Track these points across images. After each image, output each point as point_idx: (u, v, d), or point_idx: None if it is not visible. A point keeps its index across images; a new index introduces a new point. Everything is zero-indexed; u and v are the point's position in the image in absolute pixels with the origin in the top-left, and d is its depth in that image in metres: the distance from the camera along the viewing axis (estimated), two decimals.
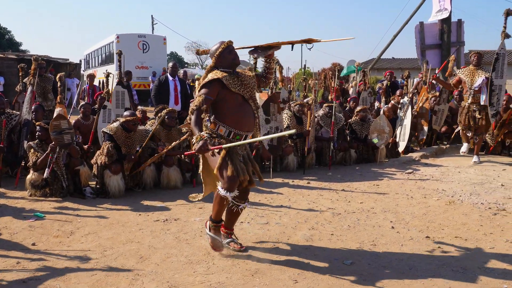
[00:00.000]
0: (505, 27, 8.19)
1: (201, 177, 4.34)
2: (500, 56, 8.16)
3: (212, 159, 3.94)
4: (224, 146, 3.74)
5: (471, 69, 8.45)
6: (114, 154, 6.21)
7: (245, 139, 4.03)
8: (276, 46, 4.21)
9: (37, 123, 6.34)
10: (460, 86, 8.76)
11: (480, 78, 8.21)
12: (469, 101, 8.44)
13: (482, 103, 8.32)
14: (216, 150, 3.73)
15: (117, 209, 5.63)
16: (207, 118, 4.07)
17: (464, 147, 8.94)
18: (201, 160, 4.27)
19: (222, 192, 3.85)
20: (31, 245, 4.36)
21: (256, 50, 4.23)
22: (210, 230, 4.12)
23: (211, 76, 3.97)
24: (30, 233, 4.67)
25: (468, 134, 8.66)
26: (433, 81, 9.88)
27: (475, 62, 8.43)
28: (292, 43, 4.28)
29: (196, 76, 14.26)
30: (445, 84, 9.32)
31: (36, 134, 6.17)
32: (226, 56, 4.02)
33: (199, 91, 3.98)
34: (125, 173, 6.36)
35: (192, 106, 3.82)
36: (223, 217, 4.19)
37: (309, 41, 4.23)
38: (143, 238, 4.57)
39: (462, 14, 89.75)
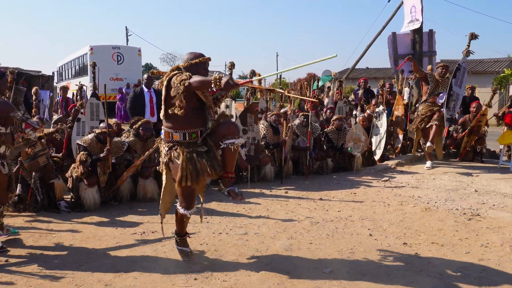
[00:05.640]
0: (468, 46, 8.89)
1: (161, 195, 4.30)
2: (461, 67, 8.69)
3: (175, 171, 3.96)
4: (254, 79, 3.62)
5: (437, 78, 8.81)
6: (87, 159, 6.11)
7: (201, 134, 3.97)
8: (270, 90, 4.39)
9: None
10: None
11: (443, 93, 8.54)
12: (422, 108, 8.96)
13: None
14: (245, 84, 3.52)
15: (93, 223, 5.54)
16: (163, 127, 4.03)
17: (428, 163, 9.08)
18: (164, 180, 4.21)
19: (181, 210, 4.05)
20: (4, 261, 4.23)
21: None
22: (178, 244, 4.29)
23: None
24: None
25: (427, 145, 8.88)
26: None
27: (442, 74, 8.81)
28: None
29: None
30: (417, 66, 9.35)
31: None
32: (198, 69, 3.95)
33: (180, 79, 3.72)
34: (101, 186, 6.26)
35: (182, 81, 3.67)
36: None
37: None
38: (120, 252, 4.49)
39: (434, 24, 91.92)
